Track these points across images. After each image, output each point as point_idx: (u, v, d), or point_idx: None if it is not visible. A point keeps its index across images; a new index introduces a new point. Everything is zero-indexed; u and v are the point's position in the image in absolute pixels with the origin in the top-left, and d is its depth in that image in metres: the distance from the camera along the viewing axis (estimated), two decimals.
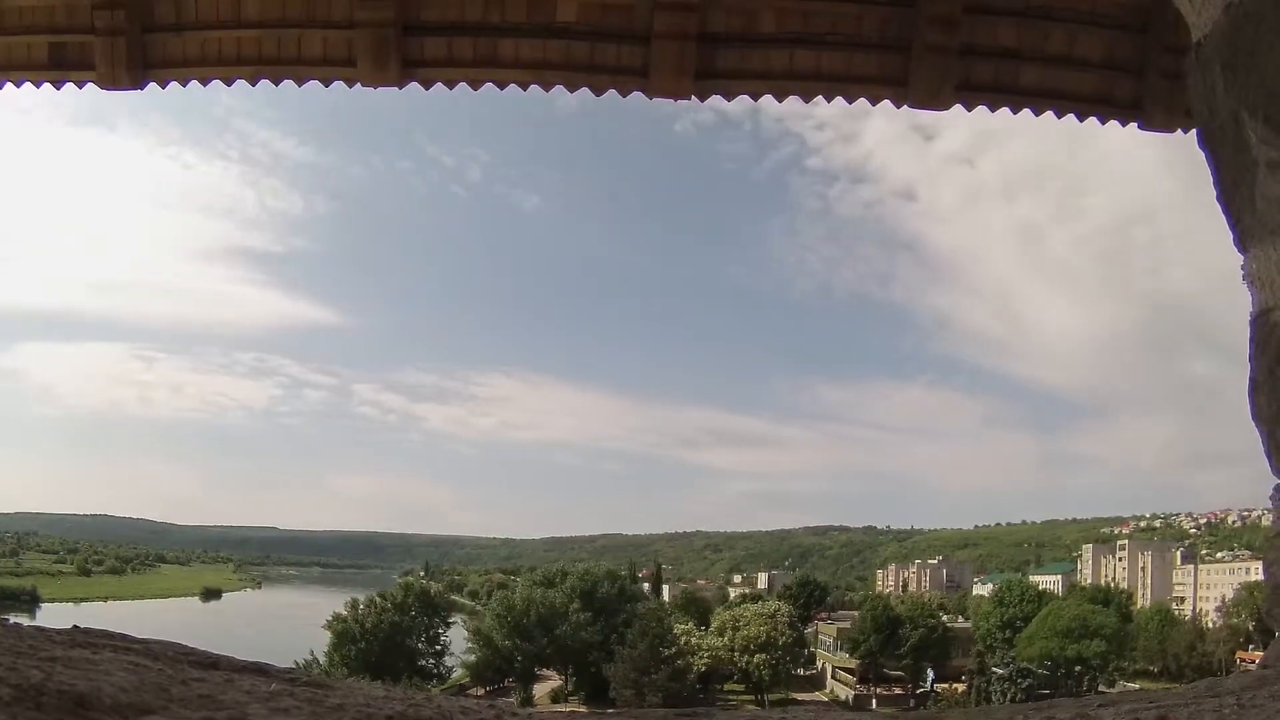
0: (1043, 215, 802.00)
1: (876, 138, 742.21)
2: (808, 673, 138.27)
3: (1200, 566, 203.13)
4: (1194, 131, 5.65)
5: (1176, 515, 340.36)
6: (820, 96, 10.87)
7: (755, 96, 10.95)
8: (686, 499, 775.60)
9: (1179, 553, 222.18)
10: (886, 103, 10.95)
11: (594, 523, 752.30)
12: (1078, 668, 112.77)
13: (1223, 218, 5.34)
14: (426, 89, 11.08)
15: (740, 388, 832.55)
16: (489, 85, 10.98)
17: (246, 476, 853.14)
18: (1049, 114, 10.84)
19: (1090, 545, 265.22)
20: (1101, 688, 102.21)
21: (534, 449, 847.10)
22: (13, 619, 4.86)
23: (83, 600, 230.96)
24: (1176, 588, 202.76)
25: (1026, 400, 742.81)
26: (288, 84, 11.26)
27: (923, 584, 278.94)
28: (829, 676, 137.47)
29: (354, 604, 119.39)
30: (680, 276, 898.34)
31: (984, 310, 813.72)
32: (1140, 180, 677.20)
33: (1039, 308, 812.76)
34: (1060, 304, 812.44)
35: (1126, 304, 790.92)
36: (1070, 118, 10.87)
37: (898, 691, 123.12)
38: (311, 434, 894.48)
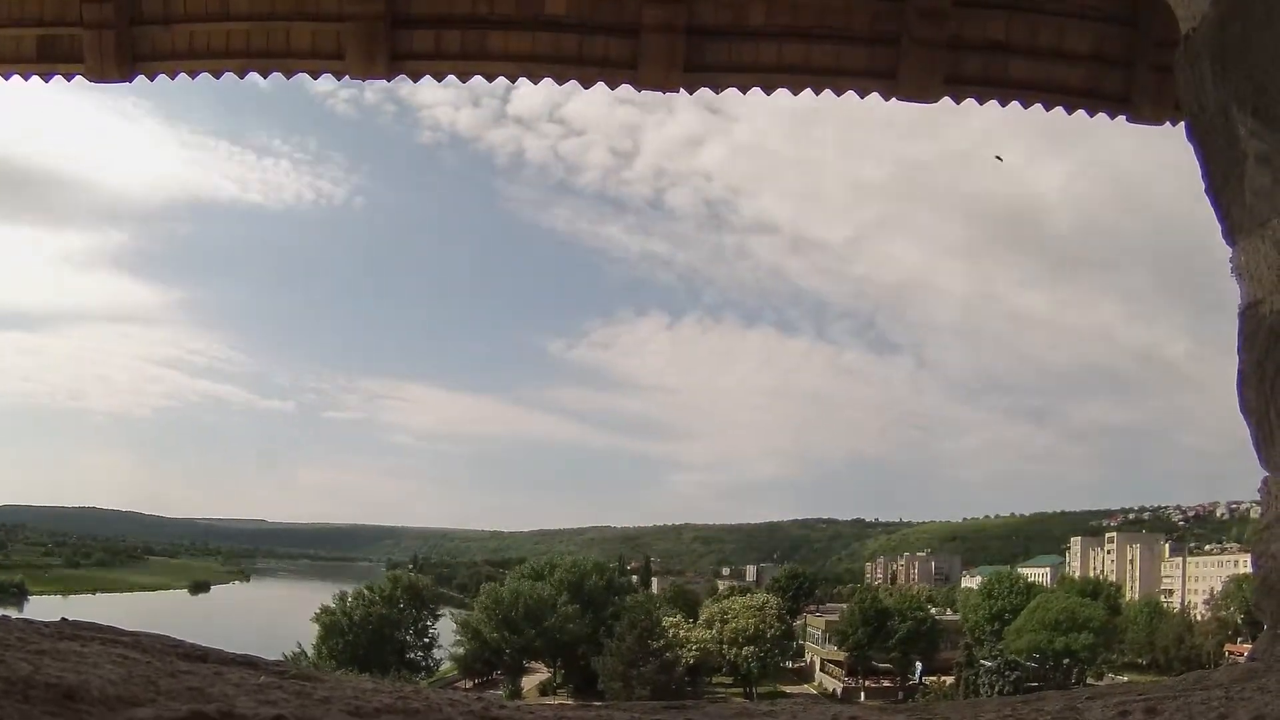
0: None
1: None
2: (796, 665, 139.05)
3: (1189, 559, 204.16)
4: (1183, 124, 5.67)
5: (1165, 508, 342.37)
6: (809, 89, 10.88)
7: (744, 89, 10.96)
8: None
9: (1167, 545, 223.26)
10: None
11: (582, 515, 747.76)
12: (1066, 660, 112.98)
13: None
14: (415, 81, 11.09)
15: (510, 361, 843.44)
16: (477, 77, 10.99)
17: (234, 470, 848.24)
18: (1038, 107, 10.86)
19: (1079, 538, 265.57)
20: (1090, 680, 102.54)
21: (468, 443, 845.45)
22: (0, 612, 4.87)
23: (71, 593, 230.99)
24: (1165, 580, 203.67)
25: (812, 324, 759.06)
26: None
27: (911, 576, 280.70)
28: (817, 669, 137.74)
29: (342, 596, 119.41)
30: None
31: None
32: None
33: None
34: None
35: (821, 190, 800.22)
36: (1059, 110, 10.89)
37: (886, 684, 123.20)
38: (292, 429, 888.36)
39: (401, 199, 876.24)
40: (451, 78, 11.03)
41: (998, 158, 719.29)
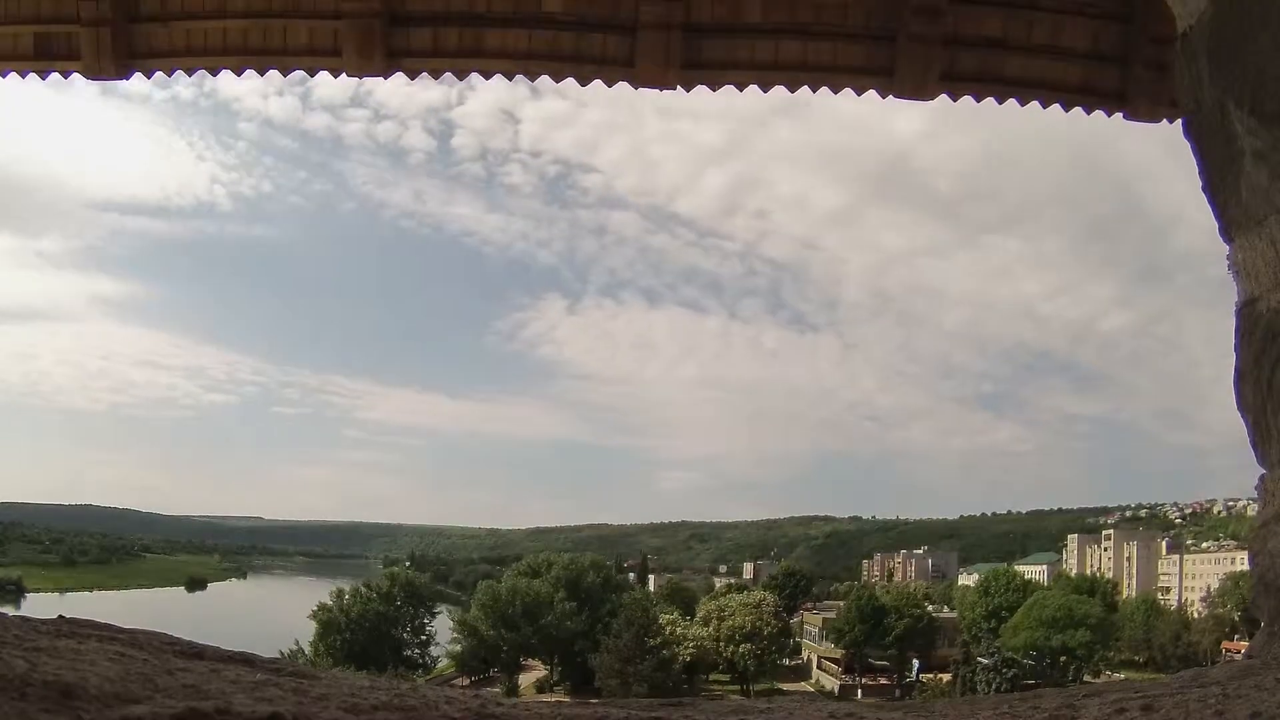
0: None
1: None
2: (793, 663, 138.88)
3: (1185, 556, 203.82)
4: (1179, 121, 5.67)
5: (1162, 505, 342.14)
6: (806, 87, 10.89)
7: (741, 87, 10.99)
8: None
9: (1164, 543, 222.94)
10: None
11: (579, 513, 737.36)
12: (1063, 658, 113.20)
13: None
14: (412, 79, 11.11)
15: (424, 352, 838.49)
16: (474, 75, 10.99)
17: (228, 466, 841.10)
18: (1034, 104, 10.87)
19: (1075, 535, 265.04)
20: (1087, 678, 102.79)
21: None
22: None
23: (68, 590, 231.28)
24: (1162, 578, 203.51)
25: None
26: None
27: (908, 574, 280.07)
28: (814, 667, 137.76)
29: (339, 594, 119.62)
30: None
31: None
32: None
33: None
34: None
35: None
36: (1055, 108, 10.90)
37: (883, 681, 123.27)
38: (279, 424, 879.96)
39: (257, 187, 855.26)
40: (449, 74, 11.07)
41: None
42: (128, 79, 11.16)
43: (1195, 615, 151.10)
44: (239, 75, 11.23)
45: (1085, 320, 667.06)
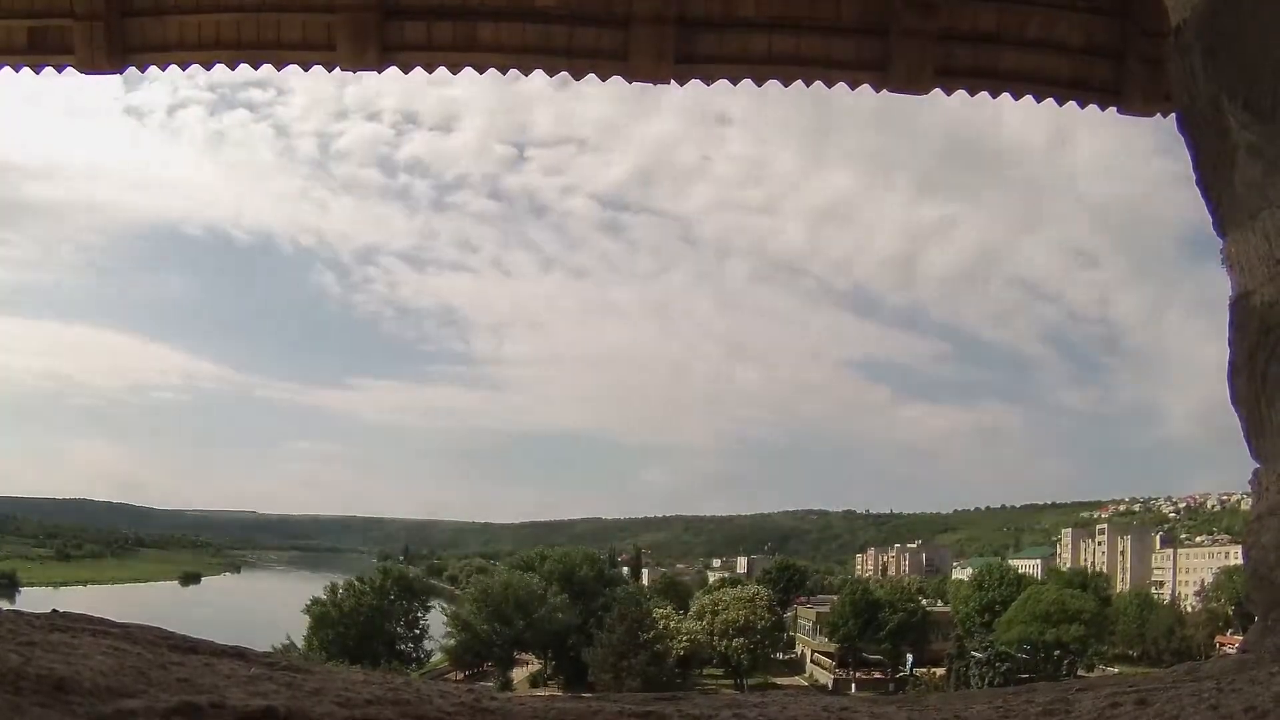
0: None
1: None
2: (787, 657, 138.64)
3: (1179, 551, 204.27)
4: (1173, 115, 5.68)
5: (1156, 499, 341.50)
6: (800, 81, 10.90)
7: (734, 81, 10.99)
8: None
9: (1158, 537, 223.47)
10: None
11: (573, 507, 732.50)
12: (1057, 652, 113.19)
13: None
14: (406, 73, 11.10)
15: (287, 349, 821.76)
16: (468, 69, 10.99)
17: (224, 460, 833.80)
18: (1028, 98, 10.88)
19: (1069, 529, 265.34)
20: (1080, 672, 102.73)
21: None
22: None
23: (62, 584, 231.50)
24: (1156, 572, 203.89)
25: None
26: None
27: (902, 568, 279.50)
28: (808, 661, 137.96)
29: (333, 588, 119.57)
30: None
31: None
32: None
33: None
34: None
35: None
36: (1050, 102, 10.91)
37: (877, 676, 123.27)
38: (268, 418, 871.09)
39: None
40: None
41: None
42: (122, 73, 11.16)
43: (1189, 609, 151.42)
44: (233, 69, 11.22)
45: (908, 259, 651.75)
